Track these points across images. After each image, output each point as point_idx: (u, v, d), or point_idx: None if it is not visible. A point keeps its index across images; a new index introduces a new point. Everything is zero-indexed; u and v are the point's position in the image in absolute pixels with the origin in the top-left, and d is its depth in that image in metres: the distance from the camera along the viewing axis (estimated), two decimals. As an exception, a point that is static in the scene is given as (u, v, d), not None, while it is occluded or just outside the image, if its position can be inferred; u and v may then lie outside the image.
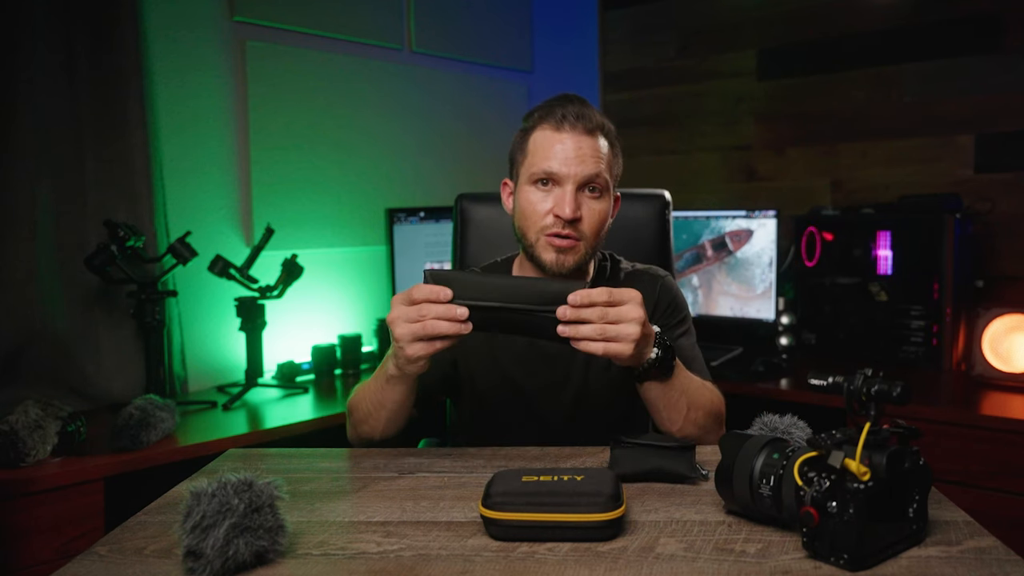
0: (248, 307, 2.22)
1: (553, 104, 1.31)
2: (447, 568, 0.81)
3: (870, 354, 2.48)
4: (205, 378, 2.33)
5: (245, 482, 0.82)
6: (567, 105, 1.30)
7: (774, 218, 2.58)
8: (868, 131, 2.79)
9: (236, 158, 2.41)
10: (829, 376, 0.87)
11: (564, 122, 1.28)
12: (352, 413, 1.32)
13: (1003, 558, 0.80)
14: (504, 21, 3.15)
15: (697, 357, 1.41)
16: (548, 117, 1.30)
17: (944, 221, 2.35)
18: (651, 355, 1.16)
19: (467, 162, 2.98)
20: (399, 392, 1.22)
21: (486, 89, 3.07)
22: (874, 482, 0.78)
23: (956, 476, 1.95)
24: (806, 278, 2.63)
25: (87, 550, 0.88)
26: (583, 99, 1.32)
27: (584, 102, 1.32)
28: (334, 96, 2.61)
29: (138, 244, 2.01)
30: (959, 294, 2.38)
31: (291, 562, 0.83)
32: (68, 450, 1.67)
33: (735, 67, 3.08)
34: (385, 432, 1.28)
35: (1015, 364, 2.15)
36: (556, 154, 1.28)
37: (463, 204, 1.71)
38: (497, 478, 0.92)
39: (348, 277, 2.68)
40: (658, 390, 1.21)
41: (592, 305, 1.06)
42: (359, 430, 1.31)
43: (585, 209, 1.29)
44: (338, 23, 2.61)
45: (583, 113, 1.29)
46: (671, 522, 0.92)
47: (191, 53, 2.29)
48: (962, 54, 2.59)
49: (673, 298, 1.43)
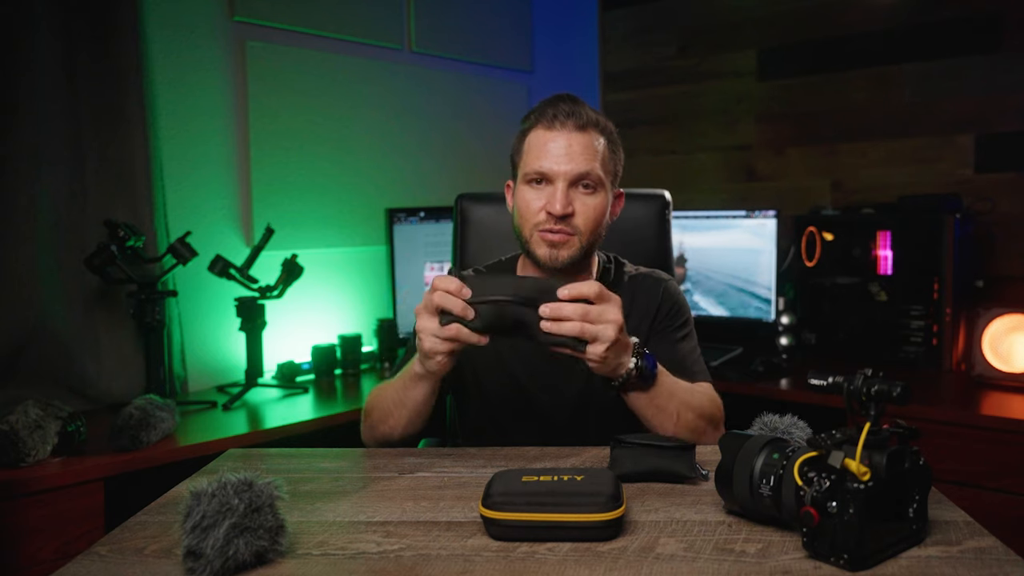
0: (248, 307, 2.22)
1: (546, 104, 1.33)
2: (447, 568, 0.81)
3: (870, 354, 2.48)
4: (205, 378, 2.33)
5: (245, 482, 0.82)
6: (559, 104, 1.31)
7: (774, 218, 2.58)
8: (868, 131, 2.79)
9: (236, 158, 2.41)
10: (829, 376, 0.87)
11: (555, 121, 1.30)
12: (370, 414, 1.32)
13: (1003, 558, 0.80)
14: (504, 21, 3.15)
15: (698, 361, 1.42)
16: (541, 117, 1.32)
17: (944, 221, 2.35)
18: (629, 365, 1.17)
19: (467, 162, 2.98)
20: (421, 392, 1.22)
21: (486, 89, 3.07)
22: (874, 482, 0.78)
23: (956, 476, 1.95)
24: (806, 278, 2.63)
25: (87, 550, 0.88)
26: (576, 98, 1.33)
27: (577, 100, 1.33)
28: (334, 96, 2.61)
29: (138, 244, 2.01)
30: (959, 294, 2.38)
31: (291, 562, 0.83)
32: (68, 450, 1.67)
33: (735, 67, 3.08)
34: (405, 432, 1.28)
35: (1015, 364, 2.15)
36: (548, 153, 1.30)
37: (463, 204, 1.71)
38: (497, 478, 0.92)
39: (348, 277, 2.68)
40: (643, 399, 1.22)
41: (580, 298, 1.09)
42: (377, 431, 1.31)
43: (578, 204, 1.30)
44: (338, 23, 2.61)
45: (574, 111, 1.30)
46: (671, 522, 0.92)
47: (191, 53, 2.29)
48: (962, 54, 2.59)
49: (675, 302, 1.43)
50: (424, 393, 1.23)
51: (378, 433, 1.31)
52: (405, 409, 1.26)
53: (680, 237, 2.73)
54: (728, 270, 2.68)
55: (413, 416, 1.26)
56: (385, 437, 1.30)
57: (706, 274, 2.73)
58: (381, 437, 1.31)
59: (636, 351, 1.18)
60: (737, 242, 2.65)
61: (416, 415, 1.26)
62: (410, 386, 1.23)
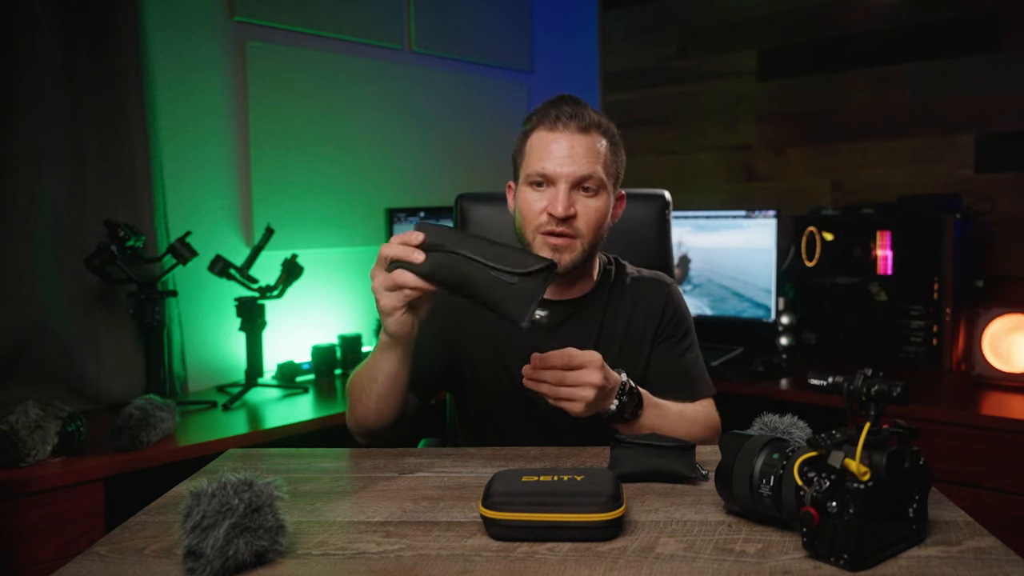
0: (248, 307, 2.22)
1: (548, 106, 1.33)
2: (447, 568, 0.81)
3: (870, 354, 2.48)
4: (205, 378, 2.33)
5: (245, 482, 0.82)
6: (561, 106, 1.31)
7: (774, 218, 2.58)
8: (868, 131, 2.79)
9: (236, 158, 2.41)
10: (829, 376, 0.87)
11: (558, 122, 1.30)
12: (349, 396, 1.32)
13: (1003, 558, 0.80)
14: (504, 21, 3.15)
15: (700, 375, 1.43)
16: (543, 119, 1.32)
17: (944, 221, 2.35)
18: (610, 407, 1.20)
19: (467, 162, 2.98)
20: (391, 362, 1.21)
21: (486, 89, 3.07)
22: (874, 482, 0.78)
23: (956, 476, 1.95)
24: (806, 278, 2.63)
25: (87, 550, 0.88)
26: (578, 99, 1.33)
27: (579, 102, 1.32)
28: (334, 96, 2.61)
29: (138, 244, 2.01)
30: (959, 294, 2.38)
31: (291, 562, 0.83)
32: (68, 450, 1.67)
33: (735, 67, 3.08)
34: (379, 411, 1.27)
35: (1015, 364, 2.15)
36: (550, 155, 1.29)
37: (463, 204, 1.71)
38: (497, 478, 0.92)
39: (348, 277, 2.68)
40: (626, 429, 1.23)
41: (549, 367, 1.14)
42: (355, 413, 1.31)
43: (580, 207, 1.30)
44: (338, 23, 2.61)
45: (577, 112, 1.30)
46: (671, 522, 0.92)
47: (191, 53, 2.29)
48: (962, 54, 2.59)
49: (677, 308, 1.44)
50: (393, 364, 1.22)
51: (357, 414, 1.30)
52: (376, 384, 1.24)
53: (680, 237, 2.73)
54: (728, 270, 2.68)
55: (384, 391, 1.25)
56: (362, 419, 1.29)
57: (706, 274, 2.73)
58: (359, 420, 1.30)
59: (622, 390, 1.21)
60: (737, 242, 2.65)
61: (387, 390, 1.25)
62: (379, 358, 1.22)
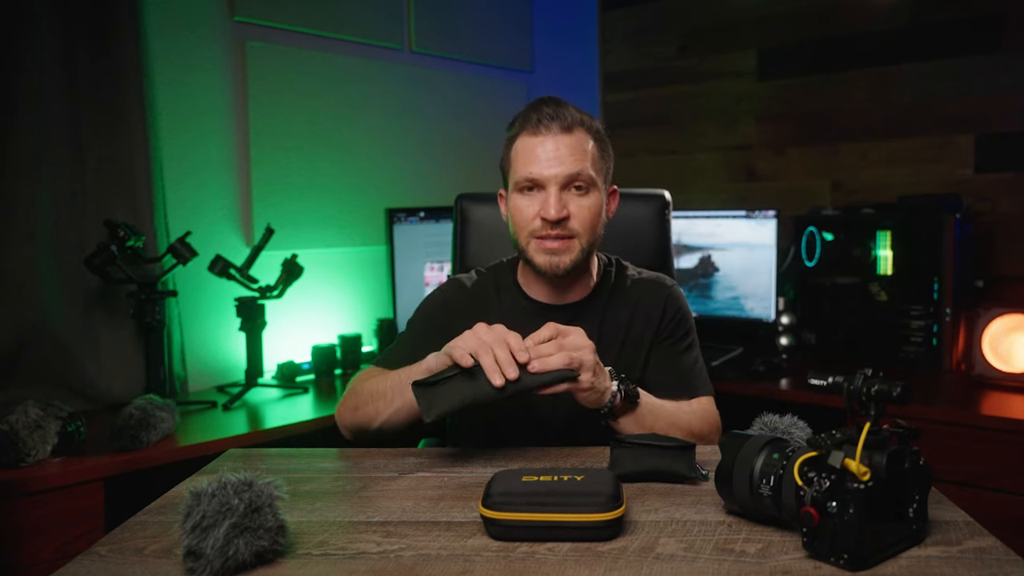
0: (248, 307, 2.22)
1: (529, 110, 1.32)
2: (447, 568, 0.81)
3: (870, 354, 2.48)
4: (205, 378, 2.33)
5: (245, 482, 0.82)
6: (542, 108, 1.30)
7: (774, 218, 2.57)
8: (868, 131, 2.79)
9: (236, 158, 2.41)
10: (829, 376, 0.87)
11: (540, 125, 1.29)
12: (357, 394, 1.30)
13: (1003, 558, 0.80)
14: (504, 21, 3.14)
15: (700, 374, 1.42)
16: (526, 123, 1.31)
17: (944, 221, 2.35)
18: (613, 389, 1.20)
19: (467, 162, 2.98)
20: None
21: (486, 89, 3.07)
22: (874, 482, 0.78)
23: (956, 476, 1.95)
24: (806, 278, 2.63)
25: (87, 550, 0.88)
26: (559, 99, 1.32)
27: (559, 102, 1.32)
28: (334, 96, 2.61)
29: (138, 244, 2.01)
30: (959, 294, 2.38)
31: (291, 562, 0.83)
32: (68, 450, 1.67)
33: (735, 67, 3.08)
34: (387, 423, 1.27)
35: (1015, 364, 2.15)
36: (536, 158, 1.29)
37: (463, 204, 1.71)
38: (497, 478, 0.92)
39: (348, 277, 2.68)
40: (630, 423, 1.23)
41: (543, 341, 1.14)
42: (358, 413, 1.30)
43: (573, 207, 1.29)
44: (338, 23, 2.61)
45: (558, 113, 1.29)
46: (671, 522, 0.92)
47: (191, 53, 2.29)
48: (962, 54, 2.59)
49: (678, 309, 1.43)
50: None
51: (361, 414, 1.29)
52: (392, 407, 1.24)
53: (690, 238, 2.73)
54: (728, 270, 2.68)
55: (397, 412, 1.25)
56: (365, 421, 1.29)
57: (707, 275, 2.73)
58: (361, 419, 1.29)
59: (615, 375, 1.21)
60: (737, 242, 2.65)
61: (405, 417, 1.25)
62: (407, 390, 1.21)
